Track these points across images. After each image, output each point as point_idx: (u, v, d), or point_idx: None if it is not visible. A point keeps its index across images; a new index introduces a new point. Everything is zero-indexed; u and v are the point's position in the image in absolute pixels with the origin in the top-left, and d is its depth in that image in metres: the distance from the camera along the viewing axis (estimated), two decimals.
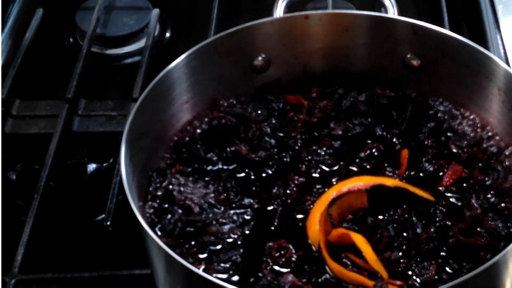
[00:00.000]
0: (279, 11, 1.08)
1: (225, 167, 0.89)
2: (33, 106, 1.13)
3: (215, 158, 0.89)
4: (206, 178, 0.88)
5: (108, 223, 0.94)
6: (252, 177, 0.88)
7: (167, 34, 1.30)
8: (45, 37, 1.25)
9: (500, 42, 1.20)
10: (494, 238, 0.79)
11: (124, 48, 1.26)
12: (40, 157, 1.02)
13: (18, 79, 1.12)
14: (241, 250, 0.81)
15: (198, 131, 0.92)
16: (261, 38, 0.94)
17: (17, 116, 1.11)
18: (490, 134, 0.90)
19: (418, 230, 0.81)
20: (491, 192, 0.84)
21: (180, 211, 0.84)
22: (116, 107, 1.12)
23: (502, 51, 1.18)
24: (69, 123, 1.08)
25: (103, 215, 0.95)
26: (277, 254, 0.80)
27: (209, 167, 0.88)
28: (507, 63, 1.15)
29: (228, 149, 0.90)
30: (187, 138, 0.91)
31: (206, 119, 0.93)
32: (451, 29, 1.09)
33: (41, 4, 1.29)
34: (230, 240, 0.82)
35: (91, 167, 1.08)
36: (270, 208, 0.85)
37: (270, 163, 0.89)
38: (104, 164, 1.08)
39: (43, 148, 1.02)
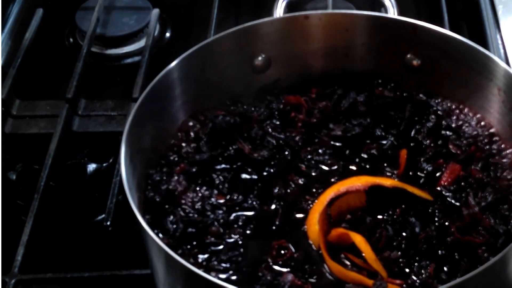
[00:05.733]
0: (279, 11, 1.08)
1: (227, 166, 0.89)
2: (33, 106, 1.13)
3: (217, 157, 0.89)
4: (208, 179, 0.88)
5: (108, 223, 0.94)
6: (254, 177, 0.88)
7: (167, 34, 1.30)
8: (45, 37, 1.25)
9: (500, 42, 1.20)
10: (492, 236, 0.80)
11: (124, 48, 1.26)
12: (40, 157, 1.02)
13: (18, 79, 1.12)
14: (242, 250, 0.81)
15: (199, 130, 0.92)
16: (261, 38, 0.94)
17: (17, 116, 1.11)
18: (489, 134, 0.90)
19: (417, 230, 0.81)
20: (489, 190, 0.84)
21: (181, 211, 0.84)
22: (116, 107, 1.12)
23: (502, 51, 1.18)
24: (69, 123, 1.08)
25: (103, 215, 0.95)
26: (278, 253, 0.80)
27: (211, 167, 0.88)
28: (507, 63, 1.15)
29: (231, 148, 0.90)
30: (187, 138, 0.91)
31: (208, 118, 0.93)
32: (451, 29, 1.09)
33: (41, 4, 1.30)
34: (231, 240, 0.82)
35: (91, 167, 1.08)
36: (271, 208, 0.85)
37: (272, 162, 0.89)
38: (104, 164, 1.08)
39: (43, 148, 1.03)
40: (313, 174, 0.89)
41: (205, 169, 0.88)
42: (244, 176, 0.88)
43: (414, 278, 0.78)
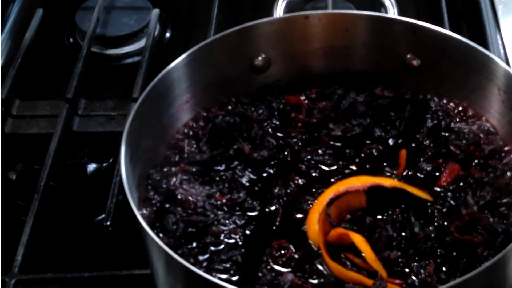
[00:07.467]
0: (279, 11, 1.08)
1: (227, 166, 0.89)
2: (33, 106, 1.13)
3: (218, 157, 0.89)
4: (208, 179, 0.88)
5: (108, 223, 0.94)
6: (254, 177, 0.88)
7: (167, 34, 1.30)
8: (45, 37, 1.25)
9: (500, 42, 1.20)
10: (491, 235, 0.80)
11: (124, 48, 1.26)
12: (40, 157, 1.02)
13: (18, 79, 1.12)
14: (242, 250, 0.81)
15: (199, 130, 0.92)
16: (261, 38, 0.94)
17: (17, 116, 1.11)
18: (489, 133, 0.90)
19: (416, 229, 0.81)
20: (488, 189, 0.84)
21: (181, 211, 0.84)
22: (116, 107, 1.12)
23: (502, 51, 1.18)
24: (69, 123, 1.08)
25: (103, 215, 0.95)
26: (278, 253, 0.80)
27: (211, 167, 0.88)
28: (507, 63, 1.15)
29: (231, 148, 0.90)
30: (187, 138, 0.91)
31: (208, 118, 0.93)
32: (451, 29, 1.09)
33: (41, 4, 1.30)
34: (231, 240, 0.82)
35: (91, 167, 1.08)
36: (271, 208, 0.85)
37: (272, 162, 0.89)
38: (104, 164, 1.08)
39: (43, 148, 1.03)
40: (313, 174, 0.89)
41: (205, 169, 0.88)
42: (244, 176, 0.88)
43: (414, 278, 0.78)
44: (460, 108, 0.93)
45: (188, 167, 0.88)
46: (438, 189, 0.86)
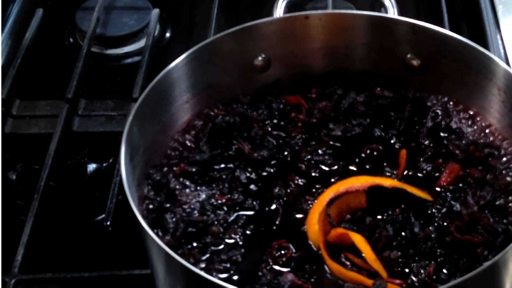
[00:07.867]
0: (279, 11, 1.08)
1: (227, 166, 0.89)
2: (33, 106, 1.13)
3: (218, 157, 0.89)
4: (208, 179, 0.88)
5: (108, 223, 0.94)
6: (254, 177, 0.88)
7: (167, 34, 1.30)
8: (45, 37, 1.25)
9: (500, 42, 1.20)
10: (491, 235, 0.80)
11: (124, 48, 1.26)
12: (40, 157, 1.02)
13: (18, 79, 1.12)
14: (242, 250, 0.81)
15: (199, 130, 0.92)
16: (261, 38, 0.94)
17: (17, 116, 1.12)
18: (489, 133, 0.90)
19: (416, 229, 0.81)
20: (488, 189, 0.84)
21: (181, 211, 0.84)
22: (116, 107, 1.12)
23: (502, 51, 1.18)
24: (69, 123, 1.08)
25: (103, 215, 0.95)
26: (278, 253, 0.80)
27: (211, 167, 0.88)
28: (507, 63, 1.15)
29: (231, 148, 0.90)
30: (187, 138, 0.91)
31: (208, 118, 0.93)
32: (451, 29, 1.09)
33: (41, 4, 1.30)
34: (231, 240, 0.82)
35: (91, 167, 1.08)
36: (271, 208, 0.85)
37: (272, 162, 0.89)
38: (104, 164, 1.08)
39: (43, 148, 1.03)
40: (313, 174, 0.89)
41: (205, 169, 0.88)
42: (244, 176, 0.88)
43: (414, 278, 0.78)
44: (460, 108, 0.93)
45: (188, 167, 0.88)
46: (438, 189, 0.86)
